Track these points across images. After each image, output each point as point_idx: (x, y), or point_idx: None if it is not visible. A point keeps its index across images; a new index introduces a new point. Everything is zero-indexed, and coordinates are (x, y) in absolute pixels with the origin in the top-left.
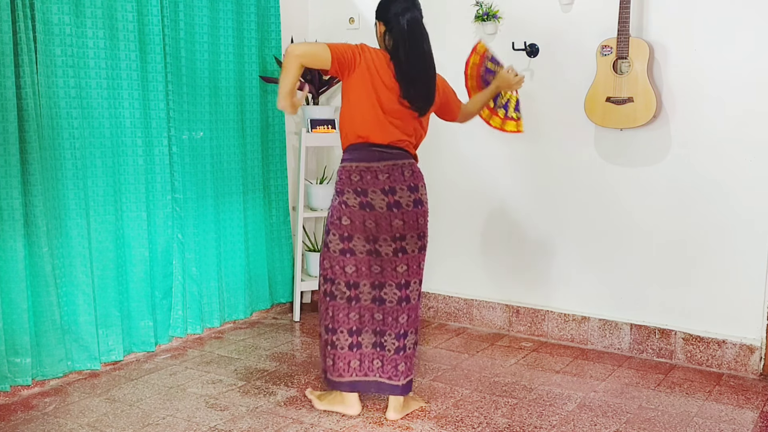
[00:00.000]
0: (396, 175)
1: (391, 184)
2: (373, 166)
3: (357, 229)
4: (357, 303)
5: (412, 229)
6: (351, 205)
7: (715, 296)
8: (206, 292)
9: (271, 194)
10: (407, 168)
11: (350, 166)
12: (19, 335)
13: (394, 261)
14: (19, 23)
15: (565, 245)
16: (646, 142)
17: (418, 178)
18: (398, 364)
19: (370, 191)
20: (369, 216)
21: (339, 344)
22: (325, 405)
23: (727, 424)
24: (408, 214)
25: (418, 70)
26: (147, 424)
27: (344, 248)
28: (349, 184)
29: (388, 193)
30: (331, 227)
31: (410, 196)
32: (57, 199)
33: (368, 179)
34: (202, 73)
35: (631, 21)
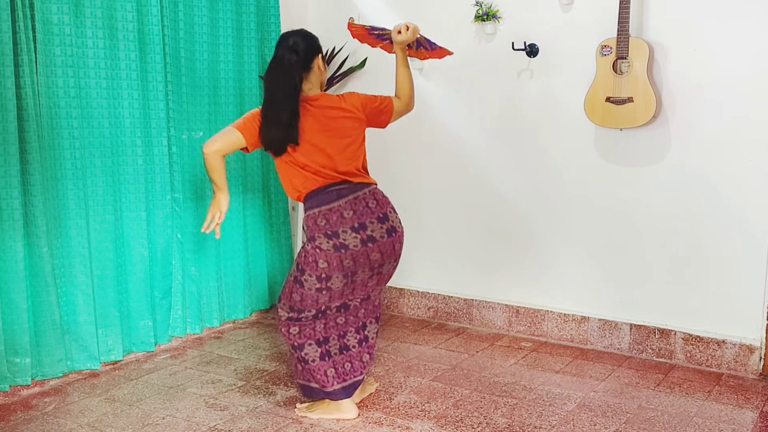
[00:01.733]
0: (361, 209)
1: (359, 220)
2: (334, 206)
3: (335, 269)
4: (323, 317)
5: (389, 257)
6: (325, 249)
7: (714, 296)
8: (206, 292)
9: (271, 194)
10: (370, 198)
11: (314, 213)
12: (19, 335)
13: (367, 282)
14: (19, 23)
15: (564, 245)
16: (646, 142)
17: (384, 206)
18: (363, 355)
19: (340, 231)
20: (345, 256)
21: (310, 358)
22: (319, 413)
23: (727, 424)
24: (384, 245)
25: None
26: (147, 424)
27: (321, 287)
28: (318, 229)
29: (359, 230)
30: (306, 267)
31: (382, 227)
32: (56, 199)
33: (334, 220)
34: (201, 73)
35: (631, 21)
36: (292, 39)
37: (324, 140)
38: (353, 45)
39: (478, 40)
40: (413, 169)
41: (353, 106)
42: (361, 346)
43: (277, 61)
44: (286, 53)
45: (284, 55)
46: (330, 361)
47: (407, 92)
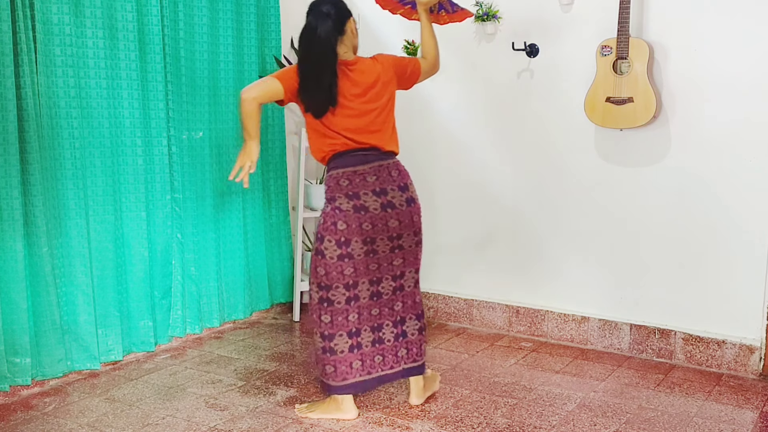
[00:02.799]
0: (384, 176)
1: (381, 186)
2: (359, 169)
3: (354, 232)
4: (356, 302)
5: (407, 228)
6: (345, 209)
7: (715, 296)
8: (205, 292)
9: (271, 194)
10: (393, 168)
11: (337, 173)
12: (19, 335)
13: (391, 257)
14: (19, 23)
15: (564, 245)
16: (646, 142)
17: (405, 177)
18: (398, 351)
19: (362, 193)
20: (364, 218)
21: (338, 348)
22: (320, 413)
23: (727, 424)
24: (402, 213)
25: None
26: (147, 424)
27: (342, 253)
28: (339, 190)
29: (380, 194)
30: (325, 234)
31: (402, 195)
32: (57, 199)
33: (357, 182)
34: (201, 73)
35: (631, 21)
36: (323, 6)
37: (360, 104)
38: None
39: (478, 40)
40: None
41: (386, 67)
42: (397, 341)
43: (311, 28)
44: (319, 21)
45: (318, 23)
46: (358, 353)
47: (433, 53)
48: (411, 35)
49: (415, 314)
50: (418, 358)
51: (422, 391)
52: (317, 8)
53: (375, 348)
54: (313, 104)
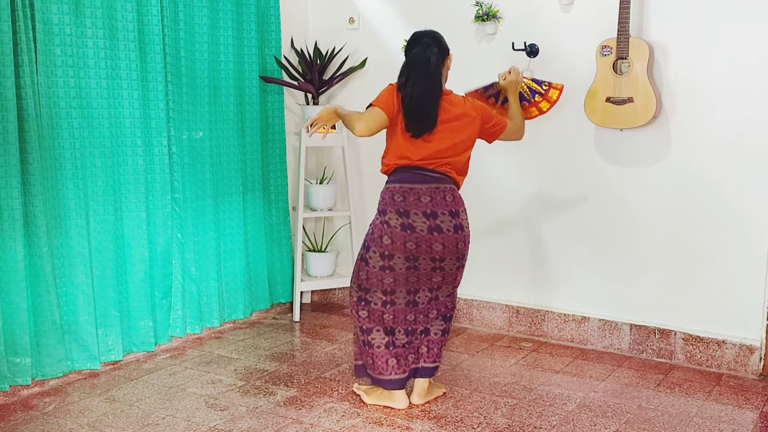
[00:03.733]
0: (438, 199)
1: (432, 208)
2: (416, 187)
3: (398, 249)
4: (392, 306)
5: (451, 253)
6: (393, 226)
7: (715, 296)
8: (206, 292)
9: (271, 194)
10: (449, 193)
11: (394, 187)
12: (19, 335)
13: (431, 274)
14: (19, 23)
15: (564, 245)
16: (646, 142)
17: (459, 204)
18: (420, 347)
19: (412, 213)
20: (410, 237)
21: (375, 343)
22: (373, 399)
23: (727, 425)
24: (448, 238)
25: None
26: (147, 424)
27: (384, 265)
28: (392, 204)
29: (430, 217)
30: (371, 244)
31: (451, 221)
32: (57, 199)
33: (411, 200)
34: (201, 73)
35: (631, 21)
36: (428, 38)
37: (444, 132)
38: (353, 45)
39: (478, 40)
40: None
41: (475, 111)
42: (422, 338)
43: (423, 58)
44: (428, 51)
45: (427, 53)
46: (393, 351)
47: (519, 122)
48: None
49: (442, 315)
50: (437, 359)
51: (425, 393)
52: (423, 39)
53: (407, 349)
54: (415, 127)
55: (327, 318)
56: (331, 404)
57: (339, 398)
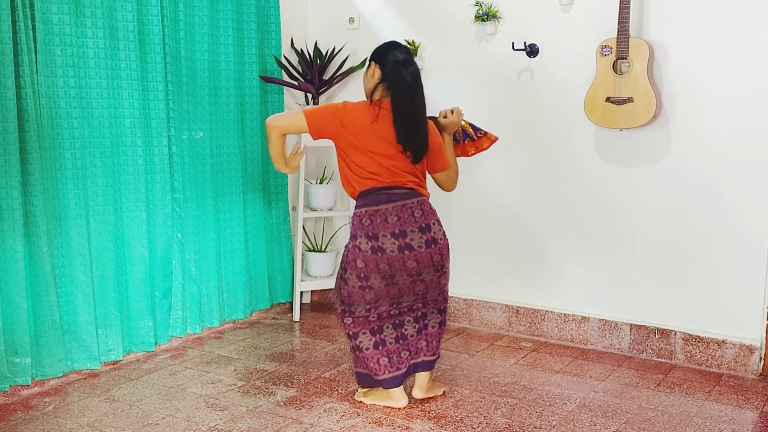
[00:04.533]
0: (405, 217)
1: (401, 227)
2: (381, 209)
3: (372, 271)
4: (376, 311)
5: (427, 267)
6: (363, 250)
7: (715, 296)
8: (206, 292)
9: (271, 194)
10: (417, 207)
11: (361, 212)
12: (19, 335)
13: (412, 286)
14: (19, 23)
15: (564, 245)
16: (646, 142)
17: (429, 216)
18: (420, 342)
19: (381, 235)
20: (381, 259)
21: (364, 346)
22: (373, 399)
23: (727, 424)
24: (421, 254)
25: (417, 123)
26: (147, 424)
27: (362, 285)
28: (361, 229)
29: (399, 237)
30: (347, 266)
31: (422, 237)
32: (57, 199)
33: (378, 223)
34: (202, 73)
35: (631, 21)
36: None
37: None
38: (353, 45)
39: (478, 40)
40: None
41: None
42: (420, 335)
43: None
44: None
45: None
46: (384, 350)
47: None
48: (411, 35)
49: (437, 309)
50: (436, 351)
51: (426, 386)
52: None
53: (399, 345)
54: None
55: (327, 318)
56: (331, 404)
57: (339, 398)
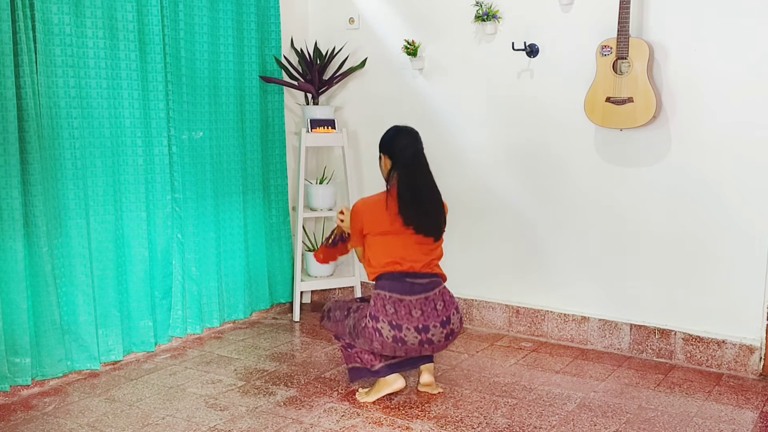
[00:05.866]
0: (428, 311)
1: (424, 322)
2: (405, 299)
3: (387, 350)
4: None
5: (440, 349)
6: (384, 336)
7: (715, 296)
8: (206, 292)
9: (271, 194)
10: (439, 299)
11: (384, 295)
12: (19, 335)
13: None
14: (19, 23)
15: (564, 245)
16: (646, 142)
17: (450, 307)
18: None
19: (404, 327)
20: (399, 348)
21: None
22: (374, 395)
23: (727, 424)
24: (439, 347)
25: (425, 200)
26: (147, 424)
27: (373, 351)
28: (385, 314)
29: (422, 332)
30: (361, 337)
31: (442, 332)
32: (57, 199)
33: (402, 314)
34: (202, 73)
35: (631, 21)
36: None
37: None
38: (353, 45)
39: (478, 40)
40: None
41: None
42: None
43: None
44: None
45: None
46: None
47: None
48: (411, 35)
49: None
50: None
51: (433, 371)
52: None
53: None
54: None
55: None
56: (331, 404)
57: (339, 398)
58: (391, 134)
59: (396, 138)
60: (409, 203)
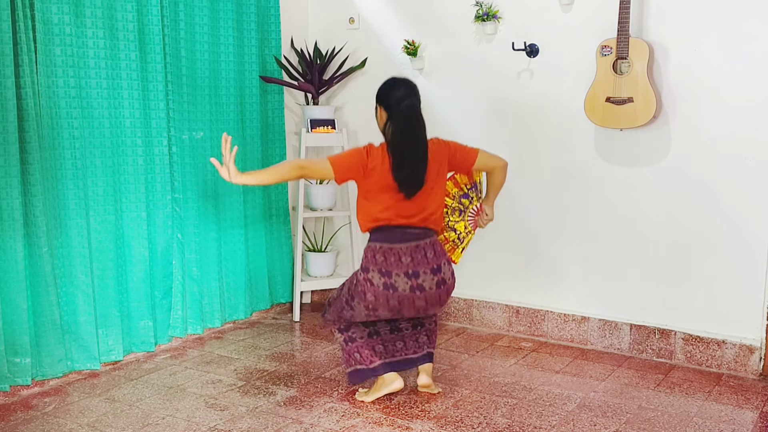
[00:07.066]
0: (419, 258)
1: (414, 268)
2: (395, 247)
3: (381, 305)
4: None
5: (434, 306)
6: (376, 284)
7: (715, 296)
8: (208, 292)
9: (271, 194)
10: (429, 248)
11: (374, 246)
12: (19, 335)
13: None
14: (19, 23)
15: (564, 245)
16: (646, 142)
17: (440, 257)
18: (418, 337)
19: (394, 273)
20: (392, 296)
21: (357, 335)
22: (373, 395)
23: (727, 424)
24: (431, 295)
25: (409, 155)
26: (147, 424)
27: (369, 314)
28: (374, 264)
29: (412, 277)
30: (356, 296)
31: (433, 278)
32: (57, 199)
33: (392, 261)
34: (202, 73)
35: (631, 21)
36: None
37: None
38: (353, 45)
39: (478, 40)
40: None
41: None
42: (416, 330)
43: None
44: (414, 100)
45: (414, 102)
46: (378, 339)
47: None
48: (411, 35)
49: None
50: (434, 345)
51: (431, 372)
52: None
53: (394, 335)
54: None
55: None
56: (331, 404)
57: (339, 398)
58: (388, 85)
59: (392, 89)
60: (399, 159)
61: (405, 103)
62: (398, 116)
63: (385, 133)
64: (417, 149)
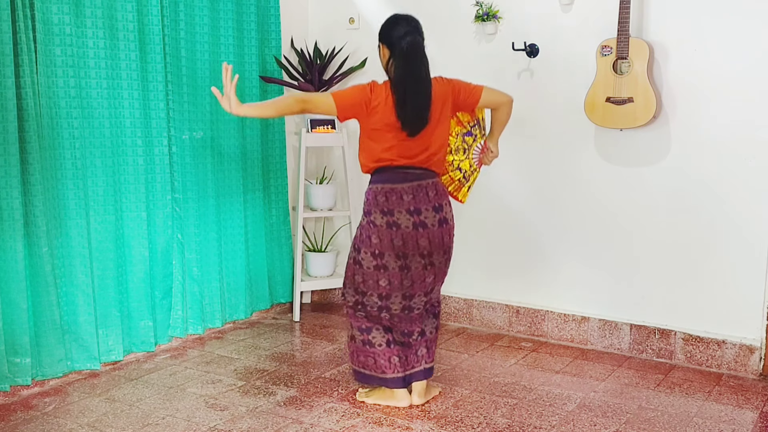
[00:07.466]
0: (420, 196)
1: (416, 205)
2: (397, 187)
3: (386, 247)
4: (388, 312)
5: (438, 247)
6: (378, 225)
7: (715, 296)
8: (208, 292)
9: (271, 194)
10: (431, 188)
11: (376, 188)
12: (19, 335)
13: (423, 274)
14: (19, 23)
15: (564, 245)
16: (646, 142)
17: (442, 197)
18: (419, 349)
19: (396, 211)
20: (396, 234)
21: (376, 342)
22: (375, 399)
23: (727, 424)
24: (433, 233)
25: (412, 92)
26: (147, 424)
27: (377, 264)
28: (376, 205)
29: (414, 214)
30: (361, 245)
31: (435, 216)
32: (57, 199)
33: (393, 200)
34: (202, 73)
35: (631, 21)
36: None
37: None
38: (353, 45)
39: (478, 40)
40: None
41: (443, 86)
42: (418, 339)
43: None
44: (417, 36)
45: (417, 39)
46: (395, 348)
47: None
48: None
49: (433, 313)
50: (433, 357)
51: (425, 392)
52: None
53: (403, 348)
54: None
55: (327, 318)
56: (331, 404)
57: (339, 398)
58: (390, 22)
59: (394, 26)
60: (402, 97)
61: (407, 40)
62: (401, 53)
63: (388, 71)
64: (420, 86)
